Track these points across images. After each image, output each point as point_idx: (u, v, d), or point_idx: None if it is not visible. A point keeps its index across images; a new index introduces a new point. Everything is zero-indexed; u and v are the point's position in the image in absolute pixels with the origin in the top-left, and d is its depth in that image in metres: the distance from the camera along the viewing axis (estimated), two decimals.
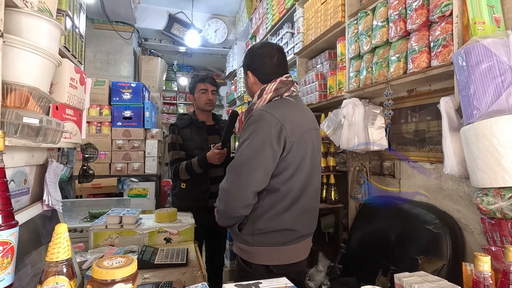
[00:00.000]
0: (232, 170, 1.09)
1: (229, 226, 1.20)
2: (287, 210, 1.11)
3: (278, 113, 1.09)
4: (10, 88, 0.63)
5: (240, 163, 1.06)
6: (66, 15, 0.95)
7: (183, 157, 1.93)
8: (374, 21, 1.55)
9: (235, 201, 1.06)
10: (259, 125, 1.07)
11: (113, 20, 3.97)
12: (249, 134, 1.08)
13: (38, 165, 0.99)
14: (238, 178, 1.05)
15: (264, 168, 1.05)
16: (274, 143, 1.05)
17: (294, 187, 1.11)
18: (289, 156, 1.09)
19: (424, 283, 0.81)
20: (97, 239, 1.37)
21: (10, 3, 0.64)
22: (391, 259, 1.40)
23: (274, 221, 1.10)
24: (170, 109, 6.76)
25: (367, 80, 1.61)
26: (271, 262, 1.11)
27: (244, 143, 1.07)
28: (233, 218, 1.13)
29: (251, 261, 1.13)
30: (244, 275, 1.16)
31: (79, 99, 1.04)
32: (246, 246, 1.14)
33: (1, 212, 0.52)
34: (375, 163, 1.80)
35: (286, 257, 1.13)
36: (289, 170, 1.10)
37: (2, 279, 0.51)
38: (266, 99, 1.16)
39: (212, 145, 1.95)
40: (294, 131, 1.10)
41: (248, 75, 1.24)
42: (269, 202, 1.10)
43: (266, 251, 1.11)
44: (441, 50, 1.18)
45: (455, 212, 1.31)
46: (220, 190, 1.13)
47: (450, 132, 1.13)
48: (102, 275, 0.55)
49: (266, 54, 1.20)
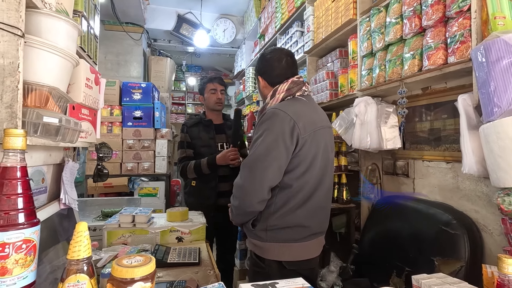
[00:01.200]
0: (246, 166, 1.11)
1: (243, 223, 1.22)
2: (300, 206, 1.12)
3: (291, 110, 1.11)
4: (30, 88, 0.63)
5: (254, 159, 1.08)
6: (82, 16, 0.96)
7: (190, 155, 1.97)
8: (387, 18, 1.53)
9: (250, 196, 1.08)
10: (272, 122, 1.09)
11: (123, 21, 4.02)
12: (262, 131, 1.10)
13: (55, 164, 1.00)
14: (253, 173, 1.08)
15: (277, 164, 1.07)
16: (287, 139, 1.07)
17: (307, 183, 1.13)
18: (302, 152, 1.11)
19: (443, 285, 0.78)
20: (110, 237, 1.38)
21: (30, 4, 0.64)
22: (406, 260, 1.38)
23: (287, 217, 1.12)
24: (179, 109, 6.80)
25: (380, 78, 1.59)
26: (283, 258, 1.13)
27: (258, 140, 1.10)
28: (247, 214, 1.15)
29: (264, 256, 1.16)
30: (258, 271, 1.18)
31: (94, 99, 1.05)
32: (259, 242, 1.16)
33: (24, 210, 0.53)
34: (388, 162, 1.78)
35: (298, 253, 1.14)
36: (302, 166, 1.11)
37: (25, 276, 0.52)
38: (279, 98, 1.19)
39: (220, 144, 1.97)
40: (306, 128, 1.12)
41: (259, 79, 1.30)
42: (282, 198, 1.12)
43: (278, 247, 1.13)
44: (458, 47, 1.15)
45: (472, 213, 1.27)
46: (234, 186, 1.16)
47: (469, 130, 1.10)
48: (122, 274, 0.55)
49: (275, 59, 1.25)
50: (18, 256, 0.51)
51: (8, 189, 0.52)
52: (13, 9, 0.59)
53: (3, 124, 0.59)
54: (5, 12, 0.59)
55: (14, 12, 0.60)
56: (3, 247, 0.50)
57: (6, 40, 0.59)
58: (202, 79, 2.13)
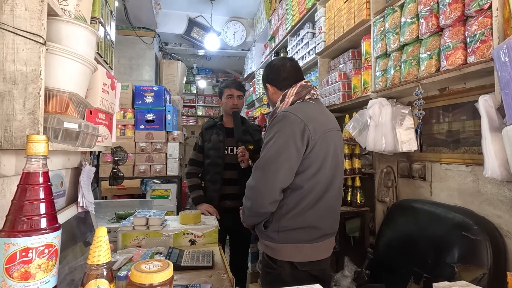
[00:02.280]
0: (258, 168, 1.13)
1: (255, 224, 1.24)
2: (311, 207, 1.14)
3: (301, 113, 1.14)
4: (52, 94, 0.65)
5: (266, 160, 1.11)
6: (99, 22, 0.98)
7: (199, 159, 2.05)
8: (403, 18, 1.50)
9: (262, 197, 1.10)
10: (283, 124, 1.12)
11: (136, 26, 4.09)
12: (274, 134, 1.12)
13: (73, 168, 1.02)
14: (265, 175, 1.09)
15: (288, 165, 1.09)
16: (298, 141, 1.09)
17: (318, 184, 1.14)
18: (312, 153, 1.12)
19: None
20: (125, 240, 1.40)
21: (51, 12, 0.66)
22: (424, 266, 1.34)
23: (299, 219, 1.13)
24: (190, 112, 6.87)
25: (395, 79, 1.56)
26: (295, 258, 1.14)
27: (270, 142, 1.12)
28: (259, 215, 1.17)
29: (276, 257, 1.17)
30: (270, 271, 1.20)
31: (110, 103, 1.07)
32: (271, 243, 1.17)
33: (46, 215, 0.54)
34: (403, 165, 1.74)
35: (310, 254, 1.16)
36: (313, 167, 1.13)
37: (48, 281, 0.53)
38: (289, 102, 1.22)
39: (230, 147, 1.99)
40: (316, 130, 1.14)
41: (268, 87, 1.33)
42: (294, 200, 1.13)
43: (290, 248, 1.14)
44: (478, 46, 1.11)
45: (495, 218, 1.23)
46: (247, 188, 1.17)
47: (491, 132, 1.06)
48: (141, 279, 0.56)
49: (279, 64, 1.31)
50: (40, 261, 0.52)
51: (31, 194, 0.53)
52: (35, 17, 0.61)
53: (25, 130, 0.60)
54: (28, 20, 0.61)
55: (37, 21, 0.61)
56: (26, 252, 0.50)
57: (29, 48, 0.60)
58: (222, 83, 2.18)
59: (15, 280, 0.49)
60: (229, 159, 1.97)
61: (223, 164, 1.95)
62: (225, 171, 1.95)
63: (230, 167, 1.96)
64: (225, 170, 1.95)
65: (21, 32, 0.59)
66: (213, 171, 1.97)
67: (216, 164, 1.96)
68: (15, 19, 0.60)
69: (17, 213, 0.52)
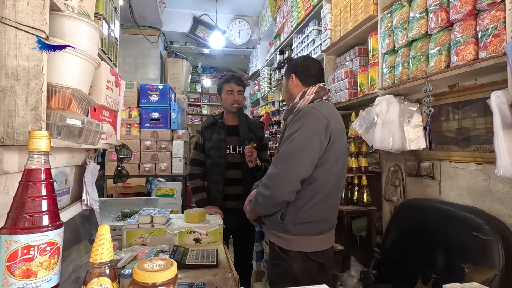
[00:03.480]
0: (281, 158, 1.17)
1: (265, 215, 1.28)
2: (323, 201, 1.21)
3: (324, 110, 1.21)
4: (54, 90, 0.64)
5: (290, 152, 1.14)
6: (103, 19, 0.97)
7: (201, 159, 1.96)
8: (411, 13, 1.46)
9: (284, 185, 1.14)
10: (308, 119, 1.18)
11: (141, 25, 4.10)
12: (298, 127, 1.17)
13: (77, 166, 1.02)
14: (288, 164, 1.14)
15: (311, 158, 1.15)
16: (322, 135, 1.16)
17: (331, 178, 1.21)
18: (331, 148, 1.19)
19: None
20: (130, 238, 1.39)
21: (54, 6, 0.65)
22: (432, 266, 1.31)
23: (313, 211, 1.20)
24: (195, 111, 6.88)
25: (403, 76, 1.52)
26: (307, 249, 1.21)
27: (294, 135, 1.16)
28: (277, 204, 1.20)
29: (289, 248, 1.21)
30: (278, 263, 1.24)
31: (114, 100, 1.06)
32: (286, 235, 1.21)
33: (48, 212, 0.53)
34: (411, 163, 1.70)
35: (319, 244, 1.24)
36: (329, 162, 1.19)
37: (49, 279, 0.52)
38: (309, 99, 1.29)
39: (233, 146, 1.93)
40: (336, 127, 1.22)
41: (292, 77, 1.37)
42: (309, 193, 1.19)
43: (305, 240, 1.21)
44: (491, 40, 1.08)
45: (507, 218, 1.19)
46: (267, 177, 1.20)
47: (504, 129, 1.03)
48: (144, 278, 0.54)
49: (310, 62, 1.39)
50: (42, 259, 0.51)
51: (32, 191, 0.52)
52: (37, 12, 0.60)
53: (28, 126, 0.60)
54: (30, 15, 0.60)
55: (39, 15, 0.60)
56: (28, 249, 0.50)
57: (31, 43, 0.60)
58: (220, 78, 2.05)
59: (16, 278, 0.49)
60: (231, 159, 1.89)
61: (225, 164, 1.88)
62: (228, 171, 1.88)
63: (233, 166, 1.89)
64: (228, 170, 1.88)
65: (23, 27, 0.58)
66: (215, 172, 1.89)
67: (218, 164, 1.88)
68: (17, 13, 0.59)
69: (18, 210, 0.51)
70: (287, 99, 1.42)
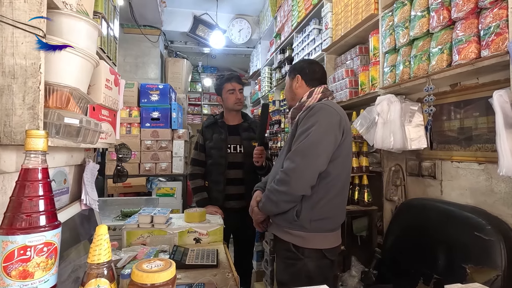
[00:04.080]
0: (298, 153, 1.17)
1: (279, 214, 1.25)
2: (338, 195, 1.24)
3: (335, 107, 1.26)
4: (52, 89, 0.63)
5: (308, 146, 1.16)
6: (102, 17, 0.97)
7: (201, 159, 1.95)
8: (412, 12, 1.45)
9: (302, 179, 1.14)
10: (322, 114, 1.20)
11: (141, 24, 4.09)
12: (313, 123, 1.18)
13: (76, 165, 1.01)
14: (305, 158, 1.15)
15: (327, 152, 1.17)
16: (337, 130, 1.19)
17: (343, 173, 1.25)
18: (343, 143, 1.22)
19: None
20: (129, 237, 1.39)
21: (52, 4, 0.64)
22: (434, 266, 1.30)
23: (329, 207, 1.22)
24: (195, 110, 6.87)
25: (404, 75, 1.51)
26: (323, 246, 1.22)
27: (309, 130, 1.17)
28: (292, 200, 1.20)
29: (306, 246, 1.21)
30: (292, 263, 1.24)
31: (113, 100, 1.05)
32: (302, 232, 1.21)
33: (46, 213, 0.52)
34: (412, 163, 1.69)
35: (334, 240, 1.26)
36: (341, 157, 1.22)
37: (46, 280, 0.51)
38: (316, 98, 1.32)
39: (233, 145, 1.91)
40: (347, 123, 1.26)
41: (297, 78, 1.40)
42: (324, 188, 1.20)
43: (321, 237, 1.22)
44: (493, 39, 1.07)
45: (509, 218, 1.18)
46: (282, 173, 1.19)
47: (506, 128, 1.02)
48: (142, 279, 0.54)
49: (315, 65, 1.43)
50: (39, 259, 0.50)
51: (29, 191, 0.52)
52: (35, 10, 0.59)
53: (25, 125, 0.59)
54: (27, 13, 0.59)
55: (36, 13, 0.59)
56: (24, 250, 0.49)
57: (28, 41, 0.59)
58: (218, 79, 2.03)
59: (13, 279, 0.48)
60: (232, 158, 1.89)
61: (226, 164, 1.87)
62: (229, 171, 1.87)
63: (234, 166, 1.88)
64: (229, 170, 1.87)
65: (20, 25, 0.58)
66: (216, 171, 1.89)
67: (218, 164, 1.88)
68: (14, 11, 0.58)
69: (15, 210, 0.50)
70: (289, 99, 1.45)
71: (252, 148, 1.82)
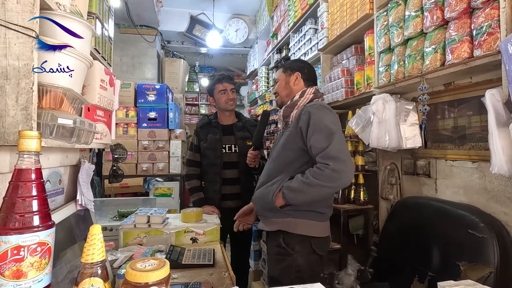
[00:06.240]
0: (335, 154, 1.16)
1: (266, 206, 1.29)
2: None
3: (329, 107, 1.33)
4: (45, 90, 0.63)
5: (340, 148, 1.18)
6: (96, 18, 0.97)
7: (197, 159, 1.96)
8: (407, 11, 1.46)
9: (350, 173, 1.18)
10: (326, 113, 1.25)
11: (138, 24, 4.08)
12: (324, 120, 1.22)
13: (72, 166, 1.01)
14: (344, 153, 1.18)
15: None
16: (339, 126, 1.27)
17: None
18: None
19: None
20: (126, 238, 1.39)
21: (44, 5, 0.64)
22: (428, 264, 1.32)
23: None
24: (193, 110, 6.87)
25: (398, 74, 1.52)
26: (312, 233, 1.28)
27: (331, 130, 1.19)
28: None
29: (294, 231, 1.27)
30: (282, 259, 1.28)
31: (108, 100, 1.05)
32: (288, 218, 1.27)
33: (39, 213, 0.52)
34: (407, 162, 1.71)
35: (320, 231, 1.31)
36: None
37: (40, 280, 0.52)
38: (309, 98, 1.36)
39: (228, 145, 1.92)
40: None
41: (297, 76, 1.42)
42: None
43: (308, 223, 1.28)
44: (485, 39, 1.08)
45: (502, 215, 1.20)
46: (327, 175, 1.16)
47: (498, 127, 1.03)
48: (136, 278, 0.54)
49: (311, 66, 1.48)
50: (33, 259, 0.51)
51: (23, 191, 0.52)
52: (27, 11, 0.59)
53: (18, 126, 0.59)
54: (20, 14, 0.59)
55: (29, 14, 0.60)
56: (18, 250, 0.49)
57: (21, 42, 0.59)
58: (209, 79, 2.07)
59: (6, 278, 0.48)
60: (227, 158, 1.89)
61: (222, 164, 1.88)
62: (224, 171, 1.88)
63: (229, 166, 1.89)
64: (224, 170, 1.88)
65: (13, 26, 0.58)
66: (212, 172, 1.90)
67: (214, 164, 1.89)
68: (7, 12, 0.58)
69: (8, 210, 0.51)
70: (284, 95, 1.43)
71: (247, 148, 1.82)
